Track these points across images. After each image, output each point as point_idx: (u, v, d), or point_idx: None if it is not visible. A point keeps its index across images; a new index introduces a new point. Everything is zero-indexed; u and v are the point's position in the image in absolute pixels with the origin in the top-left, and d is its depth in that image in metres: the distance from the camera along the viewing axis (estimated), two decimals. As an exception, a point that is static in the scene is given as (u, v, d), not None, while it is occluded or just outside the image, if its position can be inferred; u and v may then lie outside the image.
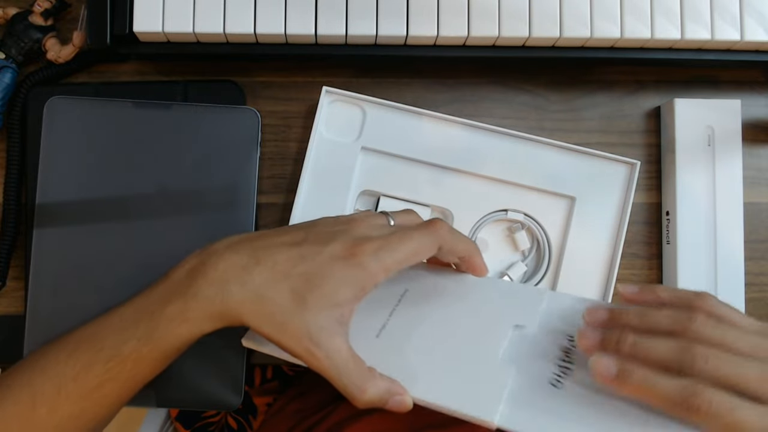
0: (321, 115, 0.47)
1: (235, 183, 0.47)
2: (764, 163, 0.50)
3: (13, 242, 0.48)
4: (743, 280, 0.48)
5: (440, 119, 0.47)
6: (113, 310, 0.37)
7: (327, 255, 0.34)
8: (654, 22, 0.45)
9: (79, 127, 0.46)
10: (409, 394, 0.34)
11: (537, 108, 0.50)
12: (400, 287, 0.40)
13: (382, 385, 0.34)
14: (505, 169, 0.47)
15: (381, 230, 0.36)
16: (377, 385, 0.33)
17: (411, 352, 0.36)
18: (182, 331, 0.34)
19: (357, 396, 0.33)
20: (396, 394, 0.34)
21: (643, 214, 0.50)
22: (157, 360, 0.35)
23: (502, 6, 0.45)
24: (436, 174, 0.48)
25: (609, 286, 0.47)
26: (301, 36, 0.45)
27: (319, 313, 0.33)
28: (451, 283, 0.40)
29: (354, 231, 0.36)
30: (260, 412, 0.62)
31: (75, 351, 0.35)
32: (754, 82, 0.51)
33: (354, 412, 0.54)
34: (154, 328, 0.34)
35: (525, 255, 0.49)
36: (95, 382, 0.34)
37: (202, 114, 0.47)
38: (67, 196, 0.46)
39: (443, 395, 0.34)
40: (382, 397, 0.34)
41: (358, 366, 0.33)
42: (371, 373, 0.34)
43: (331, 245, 0.34)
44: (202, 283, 0.34)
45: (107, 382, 0.34)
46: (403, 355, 0.36)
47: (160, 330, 0.34)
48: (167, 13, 0.44)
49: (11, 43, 0.47)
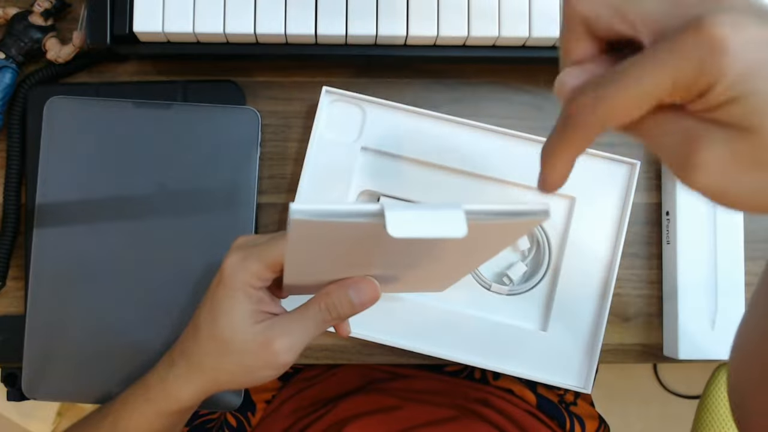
0: (321, 115, 0.47)
1: (235, 183, 0.47)
2: (764, 163, 0.50)
3: (13, 242, 0.48)
4: (743, 280, 0.48)
5: (440, 119, 0.47)
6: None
7: (210, 291, 0.36)
8: (654, 22, 0.45)
9: (79, 127, 0.46)
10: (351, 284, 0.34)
11: (537, 108, 0.50)
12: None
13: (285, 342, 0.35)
14: (504, 169, 0.47)
15: (251, 240, 0.37)
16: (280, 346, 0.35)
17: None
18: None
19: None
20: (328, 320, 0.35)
21: (643, 214, 0.50)
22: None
23: (502, 6, 0.45)
24: (436, 174, 0.48)
25: (609, 286, 0.47)
26: (301, 36, 0.45)
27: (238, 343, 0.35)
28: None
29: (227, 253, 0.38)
30: (259, 409, 0.62)
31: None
32: (754, 82, 0.51)
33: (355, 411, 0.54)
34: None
35: (525, 255, 0.49)
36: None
37: (202, 114, 0.47)
38: (67, 196, 0.46)
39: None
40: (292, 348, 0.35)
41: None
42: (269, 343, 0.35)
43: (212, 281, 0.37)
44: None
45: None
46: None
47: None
48: (167, 13, 0.44)
49: (11, 43, 0.47)
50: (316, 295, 0.35)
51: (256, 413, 0.62)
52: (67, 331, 0.46)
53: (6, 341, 0.48)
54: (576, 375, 0.47)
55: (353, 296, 0.34)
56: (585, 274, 0.47)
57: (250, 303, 0.35)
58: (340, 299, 0.34)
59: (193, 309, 0.46)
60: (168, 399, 0.37)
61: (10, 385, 0.48)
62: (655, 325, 0.50)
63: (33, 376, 0.46)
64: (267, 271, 0.35)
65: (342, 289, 0.34)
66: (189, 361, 0.37)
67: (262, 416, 0.62)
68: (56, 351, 0.46)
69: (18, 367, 0.47)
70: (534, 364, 0.47)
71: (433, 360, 0.47)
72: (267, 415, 0.61)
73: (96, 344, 0.46)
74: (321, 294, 0.35)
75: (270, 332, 0.35)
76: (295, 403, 0.59)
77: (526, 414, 0.57)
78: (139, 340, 0.46)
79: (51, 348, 0.46)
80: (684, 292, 0.47)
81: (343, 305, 0.34)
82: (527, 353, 0.47)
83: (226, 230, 0.46)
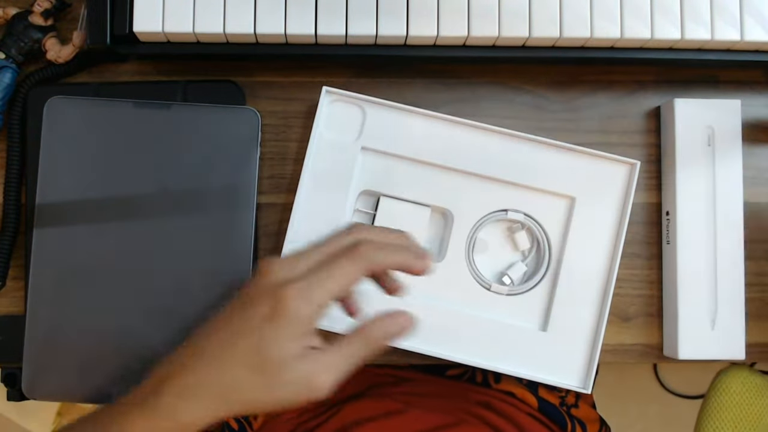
0: (321, 115, 0.47)
1: (235, 183, 0.47)
2: (764, 163, 0.50)
3: (13, 242, 0.48)
4: (743, 280, 0.48)
5: (440, 119, 0.47)
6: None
7: (258, 320, 0.34)
8: (654, 22, 0.45)
9: (79, 127, 0.46)
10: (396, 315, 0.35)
11: (537, 108, 0.50)
12: None
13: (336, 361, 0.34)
14: (505, 169, 0.47)
15: (300, 263, 0.35)
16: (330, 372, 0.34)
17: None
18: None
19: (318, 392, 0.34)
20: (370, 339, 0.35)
21: (643, 214, 0.50)
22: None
23: (502, 6, 0.45)
24: (436, 174, 0.48)
25: (609, 286, 0.47)
26: (301, 36, 0.45)
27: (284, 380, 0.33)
28: None
29: (272, 277, 0.35)
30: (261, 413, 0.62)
31: None
32: (754, 82, 0.51)
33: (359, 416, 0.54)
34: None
35: (525, 255, 0.49)
36: None
37: (202, 114, 0.47)
38: (67, 196, 0.46)
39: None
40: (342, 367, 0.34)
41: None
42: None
43: (250, 314, 0.34)
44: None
45: None
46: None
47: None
48: (167, 13, 0.44)
49: (11, 43, 0.47)
50: (357, 330, 0.35)
51: (258, 417, 0.62)
52: (67, 331, 0.46)
53: (6, 341, 0.48)
54: (576, 375, 0.47)
55: (391, 327, 0.35)
56: (585, 274, 0.47)
57: (306, 340, 0.34)
58: (380, 332, 0.35)
59: (192, 309, 0.46)
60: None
61: (10, 385, 0.48)
62: (655, 325, 0.50)
63: (33, 376, 0.46)
64: (330, 303, 0.34)
65: (381, 322, 0.35)
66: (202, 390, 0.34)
67: (264, 420, 0.62)
68: (56, 351, 0.46)
69: (18, 367, 0.47)
70: (534, 364, 0.47)
71: (433, 360, 0.47)
72: (269, 419, 0.61)
73: (96, 344, 0.46)
74: (362, 328, 0.35)
75: (314, 366, 0.33)
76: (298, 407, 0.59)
77: (527, 417, 0.57)
78: (139, 339, 0.46)
79: (51, 348, 0.46)
80: (684, 292, 0.47)
81: (384, 338, 0.35)
82: (527, 353, 0.47)
83: (226, 230, 0.46)
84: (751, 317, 0.48)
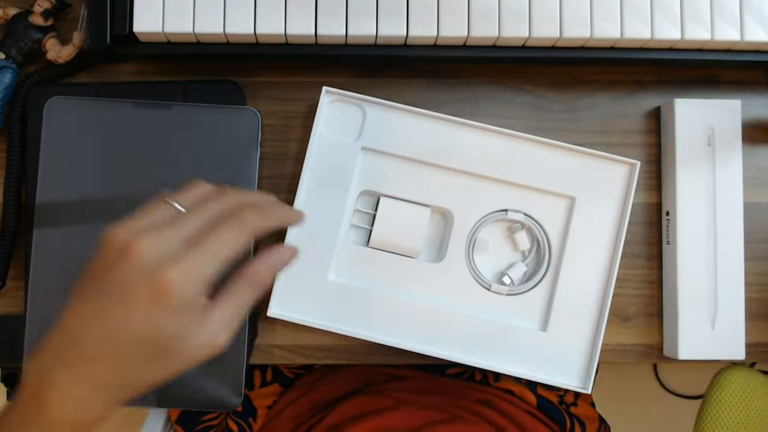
0: (321, 115, 0.47)
1: (235, 183, 0.47)
2: (764, 163, 0.50)
3: (13, 242, 0.48)
4: (743, 280, 0.48)
5: (440, 119, 0.47)
6: None
7: (142, 309, 0.31)
8: (654, 22, 0.45)
9: (79, 127, 0.46)
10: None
11: (537, 108, 0.50)
12: None
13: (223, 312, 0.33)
14: (505, 169, 0.47)
15: (173, 237, 0.32)
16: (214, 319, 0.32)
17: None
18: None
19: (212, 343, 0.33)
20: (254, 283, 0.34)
21: (643, 214, 0.50)
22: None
23: (502, 6, 0.45)
24: (436, 174, 0.48)
25: (609, 286, 0.47)
26: (301, 36, 0.45)
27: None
28: None
29: (144, 259, 0.31)
30: (260, 414, 0.62)
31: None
32: (754, 82, 0.51)
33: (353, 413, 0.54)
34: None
35: (525, 255, 0.49)
36: None
37: (202, 114, 0.47)
38: (67, 196, 0.46)
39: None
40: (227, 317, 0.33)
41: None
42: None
43: (131, 303, 0.31)
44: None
45: None
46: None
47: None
48: (167, 13, 0.44)
49: (11, 43, 0.47)
50: (240, 275, 0.34)
51: (257, 419, 0.62)
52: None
53: (6, 341, 0.48)
54: (576, 375, 0.47)
55: (272, 262, 0.35)
56: (585, 274, 0.47)
57: (194, 310, 0.32)
58: (263, 270, 0.35)
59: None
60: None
61: (10, 385, 0.48)
62: (655, 325, 0.50)
63: (33, 376, 0.46)
64: (217, 274, 0.32)
65: (261, 261, 0.35)
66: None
67: (263, 422, 0.62)
68: (56, 351, 0.46)
69: (18, 367, 0.47)
70: (534, 364, 0.47)
71: (433, 360, 0.47)
72: (268, 420, 0.61)
73: (96, 344, 0.46)
74: (244, 272, 0.34)
75: (208, 329, 0.32)
76: (297, 408, 0.59)
77: (527, 415, 0.57)
78: (139, 340, 0.46)
79: (51, 348, 0.46)
80: (684, 291, 0.47)
81: (268, 274, 0.35)
82: (527, 353, 0.47)
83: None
84: (751, 317, 0.48)
